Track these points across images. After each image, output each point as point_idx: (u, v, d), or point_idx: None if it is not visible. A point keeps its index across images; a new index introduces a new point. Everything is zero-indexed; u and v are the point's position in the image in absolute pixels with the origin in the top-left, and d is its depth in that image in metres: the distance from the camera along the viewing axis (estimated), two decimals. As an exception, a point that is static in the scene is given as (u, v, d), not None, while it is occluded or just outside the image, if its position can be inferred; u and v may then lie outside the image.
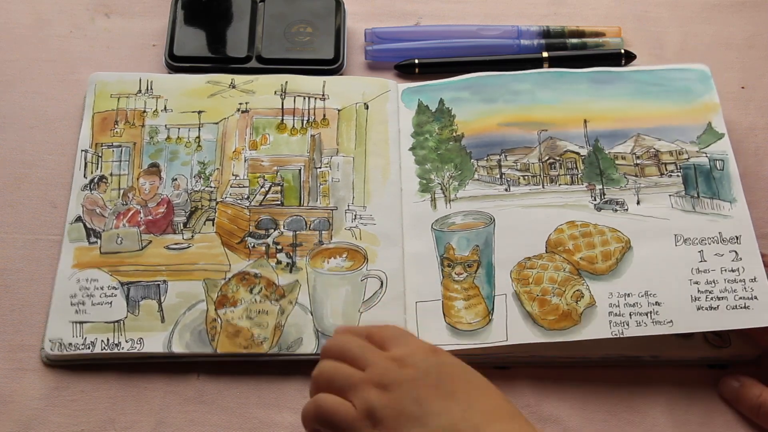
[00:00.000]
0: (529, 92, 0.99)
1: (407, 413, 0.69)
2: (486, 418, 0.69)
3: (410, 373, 0.71)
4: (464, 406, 0.69)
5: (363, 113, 0.99)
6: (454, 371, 0.72)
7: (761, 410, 0.83)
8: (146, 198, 0.94)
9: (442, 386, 0.70)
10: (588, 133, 0.97)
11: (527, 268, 0.89)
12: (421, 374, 0.71)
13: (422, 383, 0.70)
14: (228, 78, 1.00)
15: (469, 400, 0.70)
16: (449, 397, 0.70)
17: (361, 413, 0.70)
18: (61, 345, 0.85)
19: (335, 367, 0.73)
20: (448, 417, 0.68)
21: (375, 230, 0.92)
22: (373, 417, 0.69)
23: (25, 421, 0.83)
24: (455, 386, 0.70)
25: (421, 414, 0.69)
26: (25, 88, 1.02)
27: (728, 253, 0.88)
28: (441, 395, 0.70)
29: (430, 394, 0.70)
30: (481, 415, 0.69)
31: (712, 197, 0.92)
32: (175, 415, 0.84)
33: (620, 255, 0.89)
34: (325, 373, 0.74)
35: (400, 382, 0.70)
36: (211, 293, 0.88)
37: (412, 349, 0.73)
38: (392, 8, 1.10)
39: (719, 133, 0.96)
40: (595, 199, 0.93)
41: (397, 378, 0.71)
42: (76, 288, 0.88)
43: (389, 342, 0.74)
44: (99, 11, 1.09)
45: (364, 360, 0.73)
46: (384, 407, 0.69)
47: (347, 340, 0.75)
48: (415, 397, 0.69)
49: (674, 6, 1.11)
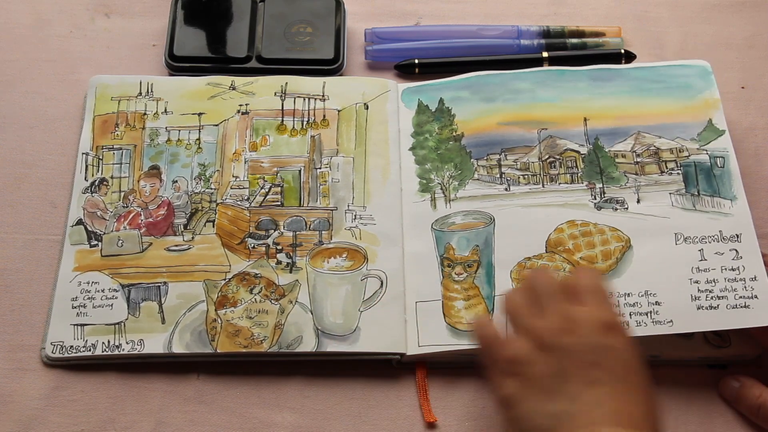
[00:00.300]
0: (529, 91, 0.99)
1: (545, 383, 0.72)
2: (606, 419, 0.70)
3: (571, 344, 0.73)
4: (597, 399, 0.70)
5: (363, 113, 0.99)
6: (612, 361, 0.73)
7: (761, 411, 0.83)
8: (147, 200, 0.94)
9: (591, 371, 0.72)
10: (588, 132, 0.96)
11: (527, 268, 0.89)
12: (581, 348, 0.73)
13: (575, 360, 0.72)
14: (228, 80, 1.00)
15: (605, 396, 0.71)
16: (590, 385, 0.71)
17: (510, 356, 0.74)
18: (62, 347, 0.85)
19: (519, 302, 0.78)
20: (573, 404, 0.70)
21: (375, 230, 0.92)
22: (516, 365, 0.74)
23: (25, 421, 0.83)
24: (603, 377, 0.72)
25: (556, 391, 0.71)
26: (25, 88, 1.02)
27: (728, 252, 0.88)
28: (583, 380, 0.71)
29: (574, 375, 0.72)
30: (604, 415, 0.70)
31: (712, 195, 0.92)
32: (175, 415, 0.84)
33: (620, 254, 0.89)
34: (511, 301, 0.79)
35: (558, 348, 0.73)
36: (212, 294, 0.88)
37: (589, 318, 0.74)
38: (392, 8, 1.10)
39: (720, 130, 0.96)
40: (595, 197, 0.93)
41: (556, 343, 0.73)
42: (77, 291, 0.88)
43: (582, 295, 0.77)
44: (99, 11, 1.09)
45: (546, 305, 0.77)
46: (529, 364, 0.73)
47: (544, 276, 0.79)
48: (561, 371, 0.72)
49: (674, 6, 1.11)
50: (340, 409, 0.85)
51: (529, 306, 0.77)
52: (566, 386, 0.71)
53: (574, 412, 0.70)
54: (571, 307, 0.75)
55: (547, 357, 0.73)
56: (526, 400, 0.72)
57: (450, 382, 0.87)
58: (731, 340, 0.87)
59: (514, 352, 0.74)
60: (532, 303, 0.77)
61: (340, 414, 0.85)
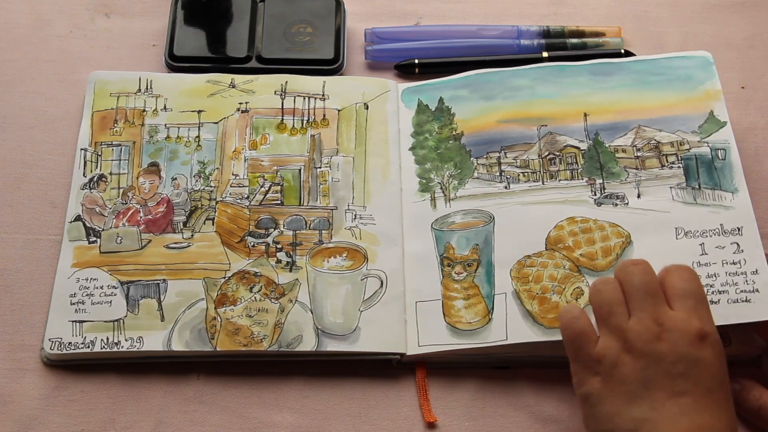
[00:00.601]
0: (529, 87, 0.99)
1: (629, 387, 0.72)
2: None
3: (661, 351, 0.72)
4: (679, 411, 0.70)
5: (363, 113, 0.99)
6: (701, 374, 0.72)
7: (761, 413, 0.83)
8: (146, 197, 0.94)
9: (678, 381, 0.72)
10: (588, 127, 0.96)
11: (527, 266, 0.89)
12: (671, 358, 0.72)
13: (663, 368, 0.72)
14: (228, 78, 1.00)
15: (688, 409, 0.71)
16: (675, 395, 0.71)
17: (596, 354, 0.74)
18: (60, 344, 0.85)
19: (612, 298, 0.77)
20: (657, 413, 0.70)
21: (375, 230, 0.92)
22: (601, 365, 0.73)
23: (25, 421, 0.83)
24: (690, 389, 0.71)
25: (639, 396, 0.71)
26: (25, 88, 1.02)
27: (729, 245, 0.88)
28: (669, 389, 0.71)
29: (661, 384, 0.71)
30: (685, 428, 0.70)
31: (713, 188, 0.91)
32: (175, 415, 0.84)
33: (620, 250, 0.89)
34: (604, 294, 0.77)
35: (647, 354, 0.73)
36: (211, 292, 0.88)
37: (683, 325, 0.74)
38: (392, 8, 1.10)
39: (721, 122, 0.95)
40: (595, 193, 0.92)
41: (646, 349, 0.73)
42: (75, 287, 0.88)
43: (678, 298, 0.76)
44: (99, 11, 1.09)
45: (639, 306, 0.75)
46: (616, 366, 0.73)
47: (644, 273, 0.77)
48: (646, 379, 0.72)
49: (674, 6, 1.11)
50: (340, 409, 0.85)
51: (619, 303, 0.76)
52: (651, 393, 0.71)
53: (655, 420, 0.70)
54: (665, 311, 0.75)
55: (635, 361, 0.73)
56: (608, 401, 0.72)
57: (450, 382, 0.87)
58: (731, 340, 0.86)
59: (603, 351, 0.74)
60: (623, 299, 0.77)
61: (340, 414, 0.85)
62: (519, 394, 0.86)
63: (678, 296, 0.76)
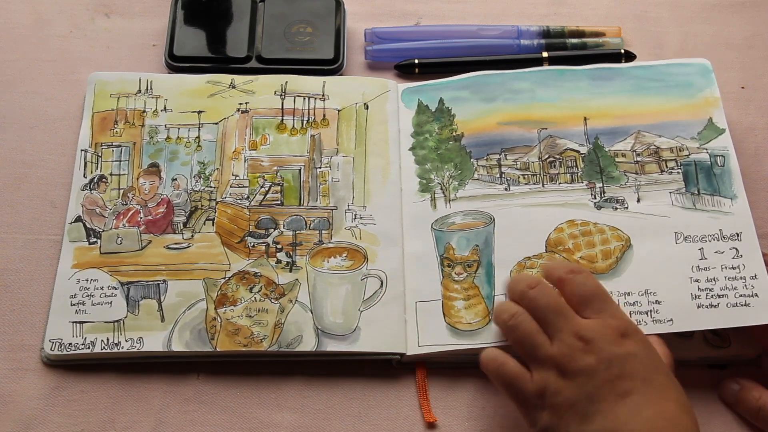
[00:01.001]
0: (529, 91, 0.99)
1: (577, 408, 0.72)
2: (645, 427, 0.70)
3: (591, 363, 0.73)
4: (632, 410, 0.71)
5: (363, 113, 0.99)
6: (636, 368, 0.73)
7: (761, 413, 0.83)
8: (146, 198, 0.94)
9: (618, 384, 0.72)
10: (588, 131, 0.96)
11: (527, 267, 0.89)
12: (602, 366, 0.73)
13: (600, 377, 0.72)
14: (228, 78, 1.00)
15: (638, 405, 0.71)
16: (621, 397, 0.71)
17: (535, 390, 0.74)
18: (61, 345, 0.85)
19: (529, 330, 0.77)
20: (613, 420, 0.71)
21: (375, 230, 0.92)
22: (544, 398, 0.74)
23: (25, 421, 0.83)
24: (632, 386, 0.72)
25: (590, 412, 0.72)
26: (25, 88, 1.02)
27: (729, 251, 0.88)
28: (613, 395, 0.72)
29: (604, 392, 0.72)
30: (645, 423, 0.70)
31: (712, 194, 0.92)
32: (175, 415, 0.84)
33: (620, 253, 0.89)
34: (520, 329, 0.77)
35: (580, 371, 0.73)
36: (211, 292, 0.88)
37: (601, 330, 0.74)
38: (392, 8, 1.10)
39: (720, 129, 0.95)
40: (595, 197, 0.93)
41: (577, 367, 0.73)
42: (75, 288, 0.88)
43: (583, 305, 0.76)
44: (99, 11, 1.09)
45: (555, 327, 0.76)
46: (557, 394, 0.73)
47: (546, 295, 0.78)
48: (589, 393, 0.72)
49: (674, 6, 1.11)
50: (340, 409, 0.85)
51: (537, 332, 0.77)
52: (599, 405, 0.72)
53: (613, 428, 0.71)
54: (579, 323, 0.75)
55: (571, 382, 0.73)
56: (564, 427, 0.73)
57: (450, 382, 0.87)
58: (731, 341, 0.87)
59: (540, 385, 0.74)
60: (538, 327, 0.77)
61: (340, 414, 0.85)
62: (519, 394, 0.86)
63: (582, 303, 0.77)
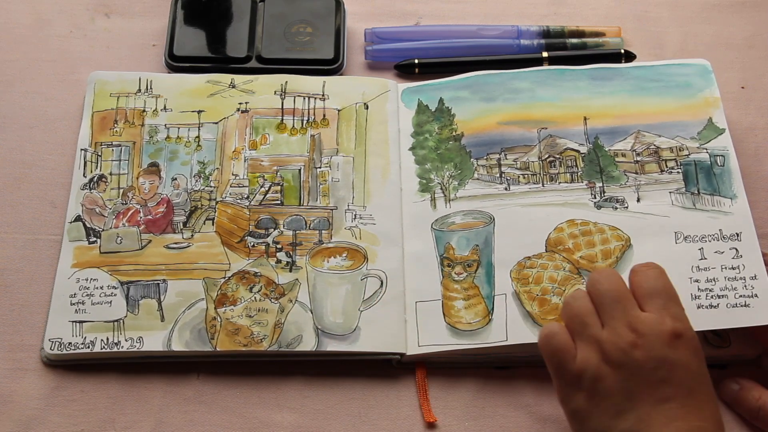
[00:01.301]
0: (529, 90, 0.99)
1: (614, 400, 0.71)
2: None
3: (638, 360, 0.72)
4: (668, 418, 0.70)
5: (363, 113, 0.99)
6: (682, 376, 0.72)
7: (760, 413, 0.83)
8: (146, 197, 0.94)
9: (661, 388, 0.71)
10: (588, 131, 0.96)
11: (527, 267, 0.89)
12: (650, 365, 0.72)
13: (644, 376, 0.71)
14: (228, 78, 1.00)
15: (676, 415, 0.70)
16: (660, 402, 0.71)
17: (576, 369, 0.73)
18: (60, 344, 0.85)
19: (582, 308, 0.76)
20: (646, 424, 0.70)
21: (375, 230, 0.92)
22: (582, 380, 0.73)
23: (25, 421, 0.83)
24: (674, 393, 0.71)
25: (625, 409, 0.71)
26: (25, 88, 1.02)
27: (728, 251, 0.88)
28: (653, 398, 0.71)
29: (644, 393, 0.71)
30: None
31: (712, 194, 0.92)
32: (175, 415, 0.84)
33: (620, 253, 0.89)
34: (574, 306, 0.77)
35: (624, 363, 0.72)
36: (211, 292, 0.88)
37: (657, 328, 0.73)
38: (392, 8, 1.10)
39: (720, 129, 0.96)
40: (595, 197, 0.93)
41: (623, 359, 0.72)
42: (75, 287, 0.88)
43: (647, 299, 0.75)
44: (99, 11, 1.09)
45: (610, 314, 0.75)
46: (597, 380, 0.72)
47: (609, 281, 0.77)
48: (629, 389, 0.71)
49: (674, 6, 1.11)
50: (340, 409, 0.85)
51: (590, 313, 0.76)
52: (636, 405, 0.71)
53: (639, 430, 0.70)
54: (636, 315, 0.74)
55: (615, 373, 0.72)
56: (595, 416, 0.72)
57: (450, 382, 0.87)
58: (731, 341, 0.87)
59: (583, 365, 0.74)
60: (594, 309, 0.76)
61: (340, 414, 0.85)
62: (519, 394, 0.86)
63: (647, 296, 0.76)
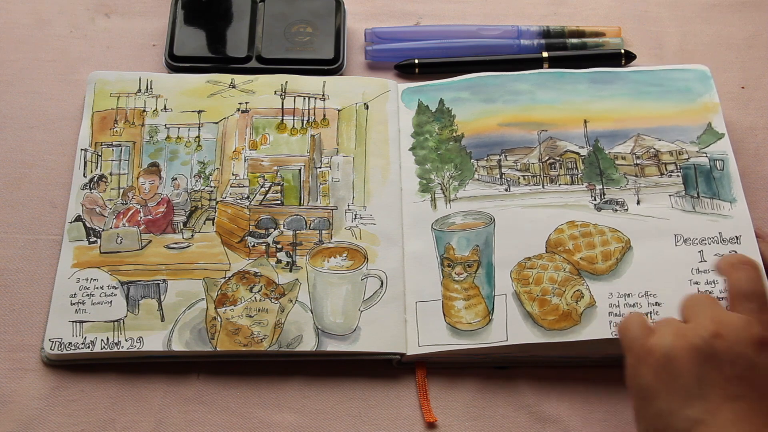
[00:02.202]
0: (529, 92, 0.99)
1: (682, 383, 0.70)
2: None
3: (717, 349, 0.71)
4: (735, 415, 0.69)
5: (363, 113, 0.99)
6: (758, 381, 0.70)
7: None
8: (146, 197, 0.94)
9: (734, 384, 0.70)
10: (588, 134, 0.97)
11: (527, 268, 0.89)
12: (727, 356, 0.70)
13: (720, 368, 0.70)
14: (228, 78, 1.00)
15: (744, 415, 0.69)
16: (730, 399, 0.69)
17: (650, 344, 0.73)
18: (60, 344, 0.85)
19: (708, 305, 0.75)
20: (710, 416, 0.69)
21: (375, 230, 0.92)
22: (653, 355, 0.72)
23: (25, 421, 0.83)
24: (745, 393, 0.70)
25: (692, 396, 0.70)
26: (25, 88, 1.02)
27: (728, 254, 0.88)
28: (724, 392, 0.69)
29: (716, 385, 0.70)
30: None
31: (712, 197, 0.92)
32: (175, 415, 0.84)
33: (620, 255, 0.89)
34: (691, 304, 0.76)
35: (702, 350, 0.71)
36: (211, 292, 0.88)
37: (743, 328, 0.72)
38: (392, 8, 1.10)
39: (719, 133, 0.96)
40: (595, 199, 0.93)
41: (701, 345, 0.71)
42: (75, 287, 0.88)
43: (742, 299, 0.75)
44: (99, 11, 1.09)
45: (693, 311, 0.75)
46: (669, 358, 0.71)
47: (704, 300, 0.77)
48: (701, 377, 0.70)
49: (674, 6, 1.11)
50: (340, 409, 0.85)
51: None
52: (706, 394, 0.69)
53: (709, 423, 0.68)
54: (722, 313, 0.73)
55: (690, 354, 0.71)
56: (662, 397, 0.71)
57: (450, 382, 0.87)
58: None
59: (657, 341, 0.72)
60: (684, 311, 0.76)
61: (340, 414, 0.85)
62: (519, 394, 0.86)
63: (739, 297, 0.75)
